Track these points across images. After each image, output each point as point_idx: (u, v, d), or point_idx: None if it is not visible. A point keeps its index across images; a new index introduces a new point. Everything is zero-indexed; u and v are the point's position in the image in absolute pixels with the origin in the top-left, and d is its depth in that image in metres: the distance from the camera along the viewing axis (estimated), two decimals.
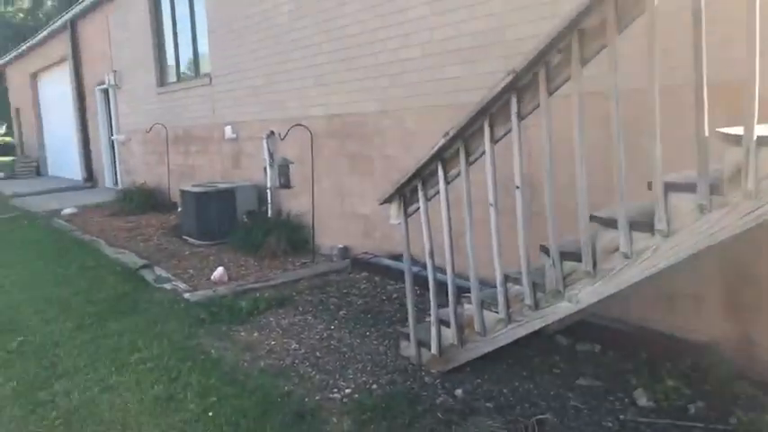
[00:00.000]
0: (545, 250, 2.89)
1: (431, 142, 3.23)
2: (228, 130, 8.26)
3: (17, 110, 21.78)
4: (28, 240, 8.11)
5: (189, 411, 3.13)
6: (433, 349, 3.47)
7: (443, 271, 3.42)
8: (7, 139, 32.18)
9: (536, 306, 2.94)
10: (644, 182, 2.48)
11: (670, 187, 2.38)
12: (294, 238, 6.60)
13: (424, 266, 3.55)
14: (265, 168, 7.34)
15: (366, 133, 5.91)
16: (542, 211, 2.86)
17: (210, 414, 3.09)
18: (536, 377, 3.34)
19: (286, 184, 6.92)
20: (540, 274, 2.96)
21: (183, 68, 10.22)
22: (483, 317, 3.22)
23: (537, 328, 3.03)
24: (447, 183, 3.25)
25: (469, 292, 3.27)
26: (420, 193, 3.37)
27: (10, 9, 30.79)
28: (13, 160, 21.67)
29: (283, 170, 6.96)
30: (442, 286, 3.43)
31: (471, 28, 4.67)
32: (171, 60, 10.52)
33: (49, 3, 30.04)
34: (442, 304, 3.44)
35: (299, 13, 6.57)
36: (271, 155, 7.30)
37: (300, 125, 6.59)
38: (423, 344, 3.57)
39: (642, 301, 3.59)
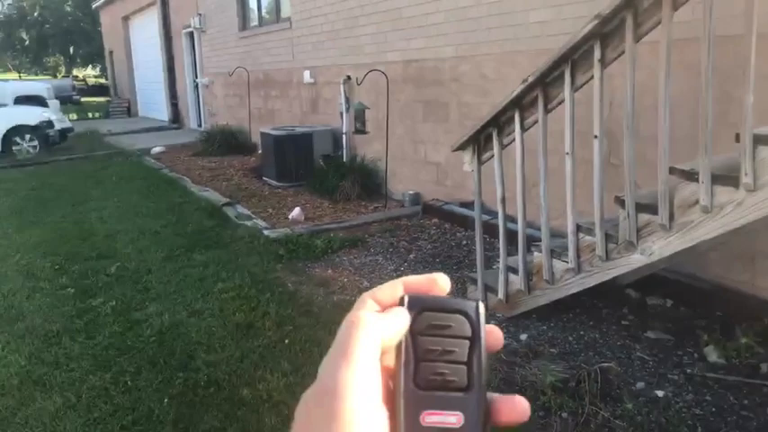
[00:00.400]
0: (620, 202, 2.85)
1: (509, 89, 3.20)
2: (307, 74, 8.38)
3: (110, 52, 22.81)
4: (122, 176, 8.67)
5: (267, 338, 3.36)
6: (500, 294, 3.53)
7: (514, 220, 3.43)
8: (102, 80, 33.92)
9: (607, 257, 2.93)
10: (732, 135, 2.39)
11: (760, 140, 2.28)
12: (367, 182, 6.73)
13: (495, 215, 3.57)
14: (341, 113, 7.45)
15: (443, 79, 5.86)
16: (620, 164, 2.81)
17: (286, 341, 3.31)
18: (603, 327, 3.35)
19: (361, 130, 7.01)
20: (612, 225, 2.93)
21: (264, 13, 10.36)
22: (552, 265, 3.24)
23: (606, 279, 3.02)
24: (523, 131, 3.23)
25: (539, 242, 3.28)
26: (495, 141, 3.37)
27: None
28: (108, 101, 22.88)
29: (359, 115, 7.04)
30: (511, 234, 3.45)
31: None
32: (253, 4, 10.67)
33: None
34: (511, 252, 3.47)
35: None
36: (347, 100, 7.38)
37: (377, 70, 6.60)
38: (489, 289, 3.64)
39: (721, 258, 3.48)
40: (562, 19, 4.47)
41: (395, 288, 0.42)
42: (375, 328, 0.38)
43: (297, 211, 5.93)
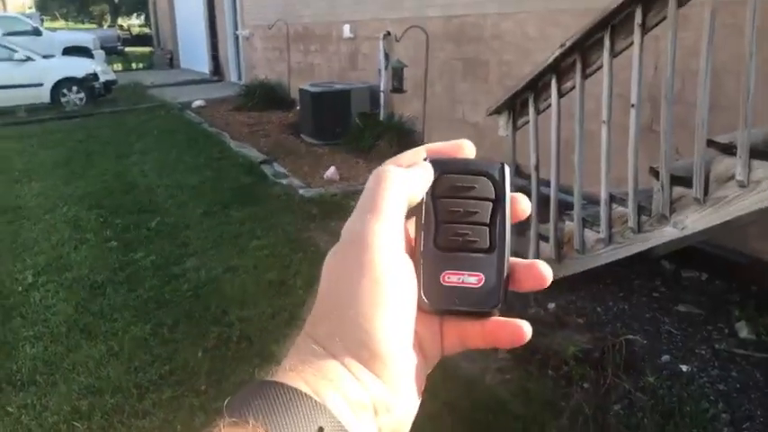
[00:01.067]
0: (654, 173, 2.79)
1: (551, 49, 3.11)
2: (347, 28, 8.28)
3: (153, 1, 22.89)
4: (163, 130, 8.83)
5: (298, 296, 3.46)
6: None
7: (548, 185, 3.40)
8: (146, 30, 34.18)
9: (639, 229, 2.88)
10: None
11: None
12: (404, 142, 6.69)
13: (529, 179, 3.53)
14: (380, 70, 7.37)
15: (484, 37, 5.72)
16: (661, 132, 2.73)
17: None
18: (633, 299, 3.33)
19: (399, 88, 6.94)
20: (646, 196, 2.87)
21: None
22: (583, 234, 3.21)
23: (638, 251, 2.98)
24: (560, 96, 3.16)
25: (572, 209, 3.25)
26: (531, 107, 3.31)
27: None
28: (151, 52, 23.11)
29: (397, 73, 6.95)
30: (544, 200, 3.42)
31: None
32: None
33: None
34: (543, 219, 3.45)
35: None
36: (386, 56, 7.29)
37: (417, 27, 6.48)
38: (520, 256, 3.61)
39: (761, 233, 3.39)
40: None
41: (417, 154, 0.42)
42: (402, 181, 0.38)
43: (332, 170, 5.98)
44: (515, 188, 0.41)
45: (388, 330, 0.35)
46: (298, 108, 8.69)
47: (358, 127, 7.27)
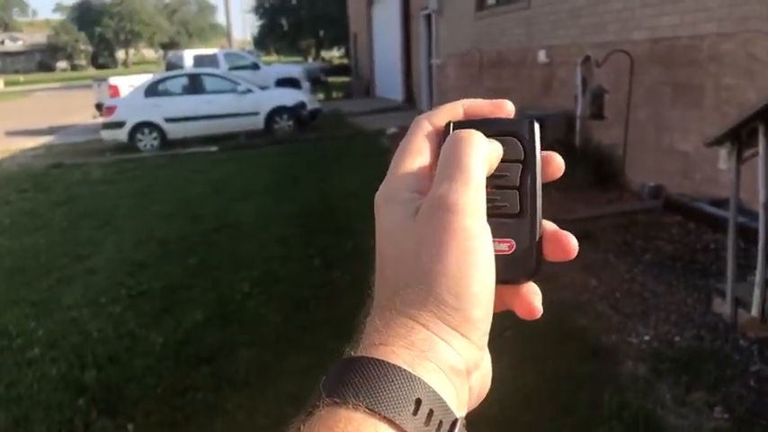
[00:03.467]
0: None
1: None
2: (542, 54, 8.14)
3: (354, 35, 24.65)
4: (359, 156, 9.38)
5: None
6: (754, 311, 3.11)
7: None
8: (344, 61, 36.89)
9: None
10: None
11: None
12: (601, 171, 6.35)
13: (753, 217, 3.14)
14: (576, 96, 7.10)
15: (698, 59, 5.24)
16: None
17: (508, 334, 3.33)
18: None
19: (598, 114, 6.62)
20: None
21: None
22: None
23: None
24: None
25: None
26: (761, 138, 2.95)
27: None
28: (349, 81, 24.84)
29: (597, 98, 6.64)
30: None
31: None
32: None
33: None
34: None
35: None
36: (584, 81, 7.01)
37: (621, 50, 6.15)
38: (741, 303, 3.23)
39: None
40: None
41: (454, 110, 0.40)
42: (487, 148, 0.37)
43: None
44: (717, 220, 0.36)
45: (480, 296, 0.35)
46: None
47: None
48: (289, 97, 12.77)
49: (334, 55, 48.08)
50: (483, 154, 0.37)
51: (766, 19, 4.47)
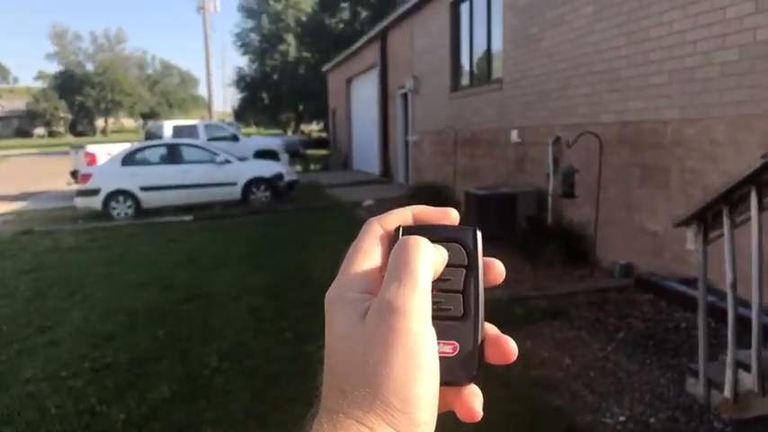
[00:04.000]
0: None
1: (744, 156, 2.92)
2: (514, 134, 8.42)
3: (333, 110, 25.29)
4: (336, 227, 9.42)
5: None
6: (727, 392, 3.11)
7: (746, 305, 3.04)
8: (323, 134, 37.65)
9: None
10: None
11: None
12: (572, 248, 6.46)
13: (722, 296, 3.20)
14: (548, 174, 7.32)
15: (663, 143, 5.48)
16: None
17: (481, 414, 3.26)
18: None
19: (569, 193, 6.81)
20: None
21: (475, 74, 10.71)
22: None
23: None
24: (762, 210, 2.88)
25: None
26: (725, 220, 3.05)
27: (333, 20, 35.69)
28: (327, 154, 25.26)
29: (567, 178, 6.85)
30: (743, 322, 3.06)
31: None
32: (465, 67, 11.11)
33: (365, 13, 33.96)
34: (742, 344, 3.06)
35: (599, 16, 6.37)
36: (555, 161, 7.24)
37: (590, 132, 6.40)
38: (714, 384, 3.23)
39: None
40: None
41: (404, 215, 0.42)
42: (433, 254, 0.38)
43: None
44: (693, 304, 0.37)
45: (425, 399, 0.35)
46: (462, 210, 8.82)
47: (524, 231, 7.18)
48: (266, 168, 12.89)
49: (314, 128, 49.07)
50: (430, 260, 0.38)
51: (726, 105, 4.73)
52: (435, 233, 0.41)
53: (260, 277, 6.51)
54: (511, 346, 0.40)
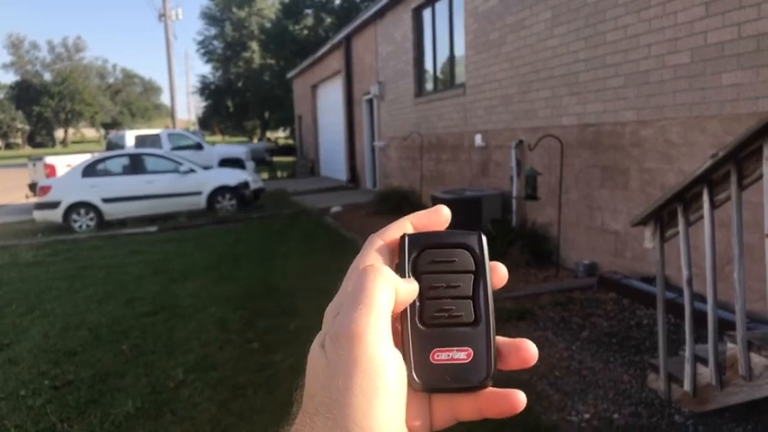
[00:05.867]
0: None
1: (697, 156, 3.01)
2: (478, 138, 8.51)
3: (299, 117, 25.19)
4: (303, 234, 9.39)
5: None
6: (686, 386, 3.19)
7: (703, 300, 3.13)
8: (290, 141, 37.46)
9: None
10: None
11: None
12: (537, 249, 6.56)
13: (681, 292, 3.28)
14: (512, 177, 7.42)
15: (622, 144, 5.61)
16: None
17: None
18: None
19: (532, 195, 6.91)
20: None
21: (439, 80, 10.80)
22: (749, 359, 2.87)
23: None
24: (713, 208, 2.97)
25: (733, 329, 2.94)
26: (680, 218, 3.13)
27: (297, 27, 35.56)
28: (294, 161, 25.12)
29: (530, 180, 6.95)
30: (700, 318, 3.14)
31: (756, 29, 4.15)
32: (429, 72, 11.20)
33: (329, 19, 33.93)
34: (700, 338, 3.15)
35: (557, 21, 6.49)
36: (518, 164, 7.35)
37: (551, 135, 6.51)
38: (674, 379, 3.31)
39: None
40: (761, 81, 4.10)
41: (403, 225, 0.42)
42: (393, 278, 0.38)
43: None
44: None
45: (385, 424, 0.35)
46: None
47: (489, 233, 7.25)
48: (231, 177, 12.76)
49: (280, 135, 48.77)
50: (389, 284, 0.38)
51: (680, 107, 4.86)
52: (441, 239, 0.41)
53: (226, 287, 6.44)
54: (531, 351, 0.40)
